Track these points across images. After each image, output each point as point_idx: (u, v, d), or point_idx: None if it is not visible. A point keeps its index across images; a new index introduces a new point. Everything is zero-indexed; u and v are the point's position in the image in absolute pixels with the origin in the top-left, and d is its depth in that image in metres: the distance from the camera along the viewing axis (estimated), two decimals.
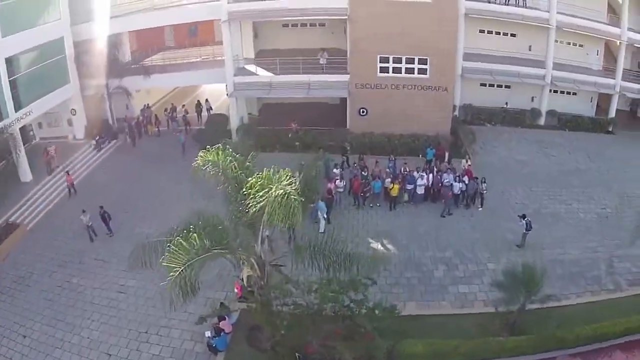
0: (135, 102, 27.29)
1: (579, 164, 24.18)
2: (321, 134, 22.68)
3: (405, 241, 17.93)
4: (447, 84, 22.19)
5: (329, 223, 18.26)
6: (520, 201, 20.64)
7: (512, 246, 17.83)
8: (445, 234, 18.20)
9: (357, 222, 18.87)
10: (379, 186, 19.02)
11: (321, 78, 22.36)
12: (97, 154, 24.93)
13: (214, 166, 11.83)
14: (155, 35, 28.95)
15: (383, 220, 18.95)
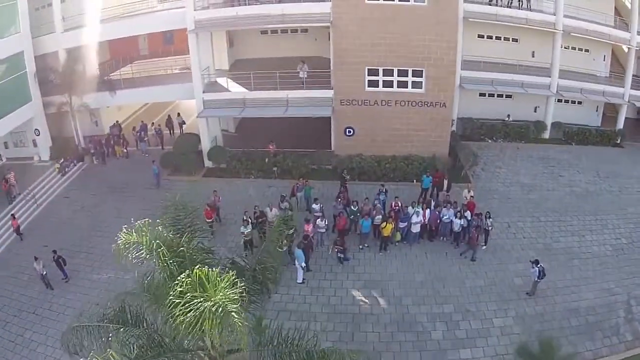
0: (105, 118, 23.41)
1: (589, 184, 20.69)
2: (302, 157, 19.01)
3: (399, 293, 14.35)
4: (446, 98, 18.46)
5: (308, 271, 14.70)
6: (529, 235, 17.09)
7: (522, 294, 14.41)
8: (445, 282, 14.70)
9: (341, 268, 15.18)
10: (367, 225, 15.30)
11: (301, 94, 18.51)
12: (61, 178, 21.05)
13: (140, 249, 8.23)
14: (129, 44, 24.97)
15: (372, 265, 15.34)
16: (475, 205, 16.60)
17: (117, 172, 21.27)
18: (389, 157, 18.88)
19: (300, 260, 14.02)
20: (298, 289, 14.42)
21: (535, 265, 13.98)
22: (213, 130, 20.13)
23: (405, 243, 16.01)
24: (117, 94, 20.71)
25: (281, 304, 13.98)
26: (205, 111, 18.89)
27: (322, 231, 15.44)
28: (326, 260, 15.45)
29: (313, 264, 15.26)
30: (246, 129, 22.35)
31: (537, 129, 23.47)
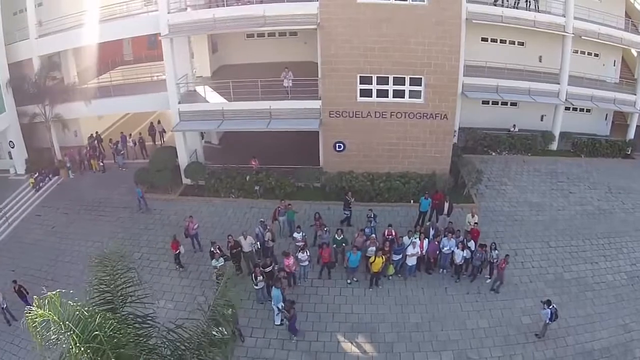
0: (86, 128, 20.73)
1: (601, 201, 18.03)
2: (287, 175, 16.37)
3: (390, 337, 11.76)
4: (447, 109, 15.70)
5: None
6: (538, 264, 14.47)
7: (530, 335, 11.91)
8: (443, 323, 12.14)
9: (326, 308, 12.59)
10: (355, 260, 12.65)
11: (285, 105, 15.77)
12: (35, 194, 18.51)
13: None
14: (112, 49, 22.42)
15: (362, 304, 12.69)
16: (480, 233, 13.94)
17: (91, 188, 18.68)
18: (384, 174, 16.17)
19: (277, 301, 11.49)
20: (276, 332, 11.93)
21: (547, 307, 11.46)
22: (192, 143, 17.51)
23: (399, 277, 13.38)
24: (93, 103, 18.28)
25: (256, 350, 11.52)
26: (180, 124, 16.28)
27: (304, 264, 12.86)
28: (309, 297, 12.90)
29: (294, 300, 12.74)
30: (231, 141, 19.75)
31: (544, 140, 20.68)
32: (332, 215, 15.42)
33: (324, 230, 13.26)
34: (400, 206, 15.90)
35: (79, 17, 18.28)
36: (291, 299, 11.61)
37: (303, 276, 13.10)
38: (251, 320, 12.16)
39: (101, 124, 21.67)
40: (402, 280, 13.35)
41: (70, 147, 19.83)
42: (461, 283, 13.40)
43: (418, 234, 13.04)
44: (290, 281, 12.87)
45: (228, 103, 15.90)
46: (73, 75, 20.09)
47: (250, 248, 13.11)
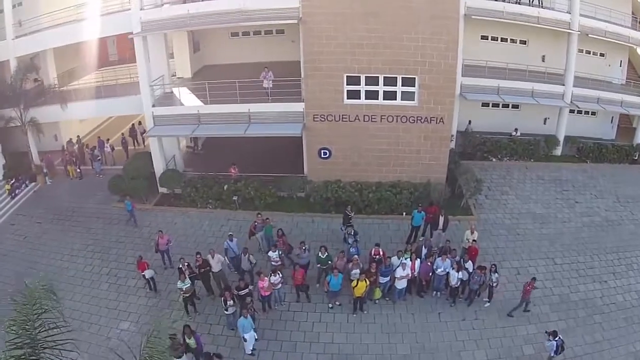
0: (66, 132, 18.81)
1: (609, 212, 15.98)
2: (269, 184, 14.45)
3: None
4: (444, 112, 13.68)
5: (256, 340, 10.28)
6: (542, 284, 12.37)
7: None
8: (435, 354, 10.22)
9: (303, 336, 10.68)
10: (336, 284, 10.67)
11: (265, 108, 13.85)
12: (10, 201, 16.64)
13: None
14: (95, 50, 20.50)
15: (343, 332, 10.75)
16: (478, 251, 12.02)
17: (67, 195, 16.88)
18: (374, 184, 14.20)
19: (243, 332, 9.62)
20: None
21: (553, 338, 9.58)
22: (170, 149, 15.67)
23: (387, 300, 11.42)
24: (68, 107, 16.54)
25: None
26: (154, 129, 14.45)
27: (277, 288, 10.85)
28: (285, 323, 10.98)
29: (268, 327, 10.88)
30: (215, 145, 17.81)
31: (548, 144, 18.59)
32: (316, 229, 13.55)
33: (302, 248, 11.32)
34: (392, 219, 13.91)
35: (55, 17, 16.60)
36: (218, 353, 9.54)
37: (279, 300, 11.22)
38: (220, 349, 10.28)
39: (83, 128, 19.92)
40: (390, 304, 11.38)
41: (47, 152, 18.15)
42: (457, 307, 11.44)
43: (409, 254, 11.05)
44: (265, 305, 11.05)
45: (204, 106, 14.02)
46: (53, 77, 18.41)
47: (219, 267, 11.32)
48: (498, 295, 11.83)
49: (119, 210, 15.33)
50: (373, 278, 10.76)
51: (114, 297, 12.09)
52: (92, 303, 11.97)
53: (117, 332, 11.07)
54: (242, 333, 9.69)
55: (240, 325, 9.64)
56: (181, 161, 15.95)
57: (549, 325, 11.48)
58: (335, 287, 10.74)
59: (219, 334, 10.79)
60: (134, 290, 12.36)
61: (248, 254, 11.32)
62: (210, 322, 11.07)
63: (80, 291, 12.40)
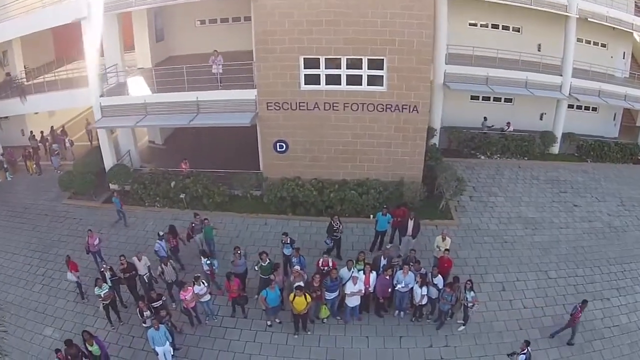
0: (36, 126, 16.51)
1: (612, 217, 13.01)
2: (220, 181, 12.03)
3: None
4: (418, 99, 10.96)
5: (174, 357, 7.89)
6: (532, 303, 9.69)
7: None
8: None
9: (231, 357, 8.22)
10: (275, 298, 8.18)
11: (215, 96, 11.45)
12: None
13: None
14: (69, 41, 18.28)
15: (279, 356, 8.25)
16: (452, 263, 9.25)
17: (23, 192, 14.79)
18: (338, 182, 11.59)
19: (154, 344, 7.42)
20: None
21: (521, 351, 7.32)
22: (125, 143, 13.54)
23: (338, 320, 8.82)
24: (29, 100, 14.57)
25: None
26: (101, 120, 12.32)
27: (204, 300, 8.52)
28: (213, 342, 8.50)
29: (194, 344, 8.42)
30: (178, 140, 15.44)
31: (544, 141, 15.55)
32: (268, 233, 11.00)
33: (238, 254, 8.88)
34: (356, 223, 11.22)
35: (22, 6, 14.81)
36: None
37: (210, 313, 8.83)
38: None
39: (54, 122, 17.84)
40: (341, 325, 8.76)
41: (7, 147, 16.20)
42: (423, 331, 8.74)
43: (361, 265, 8.48)
44: (193, 319, 8.70)
45: (151, 95, 11.79)
46: (20, 70, 16.71)
47: (146, 271, 9.08)
48: (476, 316, 9.04)
49: (68, 208, 13.23)
50: (317, 294, 8.26)
51: (44, 300, 10.17)
52: (22, 305, 10.11)
53: (40, 338, 9.19)
54: (152, 345, 7.43)
55: (150, 337, 7.41)
56: (137, 157, 13.76)
57: (538, 355, 8.82)
58: (273, 302, 8.21)
59: (140, 349, 8.50)
60: (64, 293, 10.32)
61: (170, 262, 8.95)
62: (133, 334, 8.84)
63: (14, 292, 10.48)
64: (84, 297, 9.81)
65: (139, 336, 8.78)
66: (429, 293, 8.49)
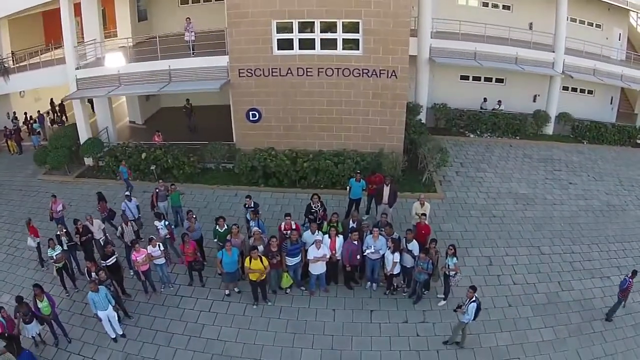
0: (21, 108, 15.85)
1: (610, 195, 11.79)
2: (189, 152, 11.18)
3: None
4: (397, 64, 10.03)
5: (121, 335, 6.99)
6: (523, 279, 8.53)
7: None
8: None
9: (182, 328, 7.19)
10: (231, 262, 7.15)
11: (186, 64, 10.72)
12: None
13: None
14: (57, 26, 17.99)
15: (235, 327, 7.20)
16: (430, 230, 8.19)
17: (1, 170, 13.98)
18: (313, 153, 10.62)
19: (96, 308, 6.55)
20: (107, 353, 6.86)
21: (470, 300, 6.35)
22: (103, 120, 12.83)
23: (303, 291, 7.79)
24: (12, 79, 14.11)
25: None
26: (76, 92, 11.66)
27: (159, 262, 7.56)
28: (166, 310, 7.52)
29: (145, 313, 7.46)
30: (158, 121, 14.71)
31: (537, 121, 14.47)
32: (238, 204, 9.98)
33: (193, 219, 7.92)
34: (332, 194, 10.18)
35: None
36: None
37: (166, 281, 7.89)
38: (86, 332, 7.22)
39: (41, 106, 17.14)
40: (306, 296, 7.71)
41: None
42: (398, 305, 7.64)
43: (327, 227, 7.48)
44: (147, 286, 7.77)
45: (124, 66, 11.11)
46: (7, 52, 16.37)
47: (101, 234, 8.29)
48: (459, 291, 7.80)
49: (42, 183, 12.52)
50: (276, 259, 7.27)
51: (6, 269, 9.42)
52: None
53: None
54: (93, 310, 6.57)
55: (90, 300, 6.53)
56: (115, 135, 13.10)
57: (529, 334, 7.63)
58: (229, 267, 7.23)
59: (91, 316, 7.36)
60: (25, 262, 9.58)
61: (130, 222, 8.14)
62: (86, 302, 7.61)
63: None
64: (43, 265, 9.06)
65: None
66: (402, 261, 7.43)
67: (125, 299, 7.80)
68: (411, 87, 13.57)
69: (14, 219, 12.03)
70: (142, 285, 7.84)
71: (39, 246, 9.05)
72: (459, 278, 7.48)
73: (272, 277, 7.46)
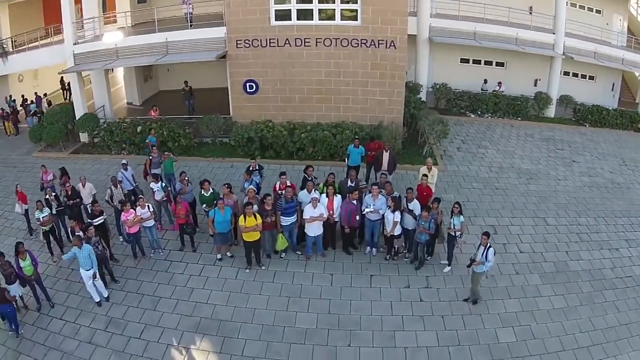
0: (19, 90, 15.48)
1: (614, 174, 11.27)
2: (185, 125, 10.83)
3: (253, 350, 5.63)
4: (395, 34, 9.65)
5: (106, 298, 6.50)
6: (529, 247, 7.96)
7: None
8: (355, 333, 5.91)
9: (170, 291, 6.67)
10: (224, 222, 6.67)
11: (184, 36, 10.43)
12: None
13: None
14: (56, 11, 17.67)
15: (226, 291, 6.65)
16: (432, 193, 7.65)
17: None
18: (310, 124, 10.16)
19: (82, 266, 6.08)
20: (90, 317, 6.35)
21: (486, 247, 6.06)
22: (100, 99, 12.38)
23: (298, 255, 7.29)
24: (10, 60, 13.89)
25: (55, 338, 6.03)
26: (73, 67, 11.32)
27: (148, 224, 7.11)
28: (154, 275, 7.02)
29: (133, 277, 6.98)
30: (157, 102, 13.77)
31: (538, 103, 14.04)
32: (233, 174, 9.59)
33: (185, 181, 7.49)
34: (330, 165, 9.72)
35: None
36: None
37: (156, 246, 7.39)
38: (71, 297, 6.74)
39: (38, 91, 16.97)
40: (302, 261, 7.20)
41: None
42: (399, 270, 7.11)
43: (323, 187, 7.02)
44: (136, 250, 7.24)
45: (122, 40, 10.78)
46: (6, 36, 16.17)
47: (90, 199, 7.76)
48: (464, 258, 7.31)
49: (37, 160, 11.97)
50: (271, 219, 6.80)
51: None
52: None
53: None
54: (82, 268, 6.06)
55: (69, 256, 6.13)
56: (111, 113, 12.74)
57: (538, 301, 7.11)
58: (222, 227, 6.73)
59: (76, 281, 7.01)
60: (15, 231, 9.09)
61: (120, 185, 7.74)
62: (73, 267, 7.32)
63: None
64: (32, 234, 8.57)
65: (77, 268, 7.16)
66: (403, 223, 6.95)
67: (112, 264, 7.31)
68: (410, 67, 13.29)
69: (6, 192, 11.62)
70: (131, 250, 7.33)
71: (27, 213, 8.60)
72: (465, 239, 7.01)
73: (266, 239, 6.99)
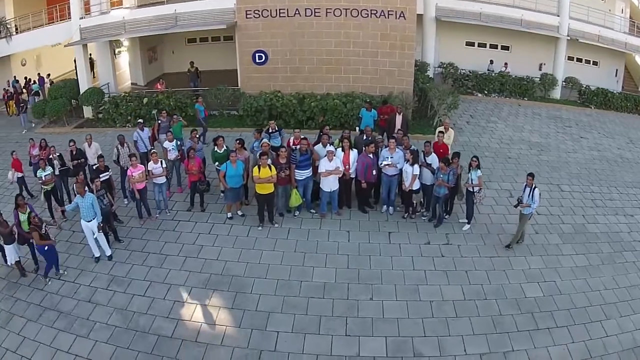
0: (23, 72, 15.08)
1: (622, 150, 11.00)
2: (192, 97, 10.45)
3: (268, 304, 5.19)
4: (405, 5, 9.40)
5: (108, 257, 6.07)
6: (547, 210, 7.57)
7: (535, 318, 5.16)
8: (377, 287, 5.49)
9: (178, 248, 6.23)
10: (236, 175, 6.29)
11: (192, 7, 10.12)
12: None
13: None
14: None
15: (237, 247, 6.21)
16: (448, 149, 7.26)
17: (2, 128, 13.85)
18: (319, 94, 9.80)
19: (82, 217, 5.72)
20: (91, 276, 5.86)
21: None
22: (105, 75, 12.06)
23: (313, 213, 6.89)
24: (14, 40, 13.60)
25: (53, 298, 5.54)
26: (80, 40, 10.93)
27: (159, 181, 6.71)
28: (161, 234, 6.59)
29: (138, 237, 6.53)
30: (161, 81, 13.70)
31: (544, 85, 13.83)
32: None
33: (196, 138, 7.17)
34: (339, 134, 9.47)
35: None
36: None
37: (164, 206, 6.98)
38: (70, 258, 6.25)
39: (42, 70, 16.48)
40: (316, 219, 6.80)
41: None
42: (418, 227, 6.73)
43: (339, 142, 6.61)
44: (141, 210, 6.81)
45: (129, 12, 10.58)
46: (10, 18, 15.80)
47: (95, 160, 7.20)
48: (482, 218, 7.08)
49: (40, 135, 11.34)
50: (285, 173, 6.41)
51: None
52: None
53: None
54: (83, 219, 5.68)
55: (71, 207, 5.74)
56: (116, 89, 12.33)
57: (561, 259, 6.74)
58: (233, 182, 6.37)
59: (77, 242, 6.63)
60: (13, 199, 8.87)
61: (126, 144, 7.30)
62: (75, 229, 6.91)
63: None
64: (32, 196, 8.10)
65: (79, 230, 6.74)
66: (422, 178, 6.58)
67: (117, 224, 6.87)
68: (417, 48, 13.14)
69: (7, 165, 11.42)
70: (137, 209, 6.89)
71: (21, 181, 8.13)
72: (483, 194, 6.66)
73: (280, 196, 6.61)
